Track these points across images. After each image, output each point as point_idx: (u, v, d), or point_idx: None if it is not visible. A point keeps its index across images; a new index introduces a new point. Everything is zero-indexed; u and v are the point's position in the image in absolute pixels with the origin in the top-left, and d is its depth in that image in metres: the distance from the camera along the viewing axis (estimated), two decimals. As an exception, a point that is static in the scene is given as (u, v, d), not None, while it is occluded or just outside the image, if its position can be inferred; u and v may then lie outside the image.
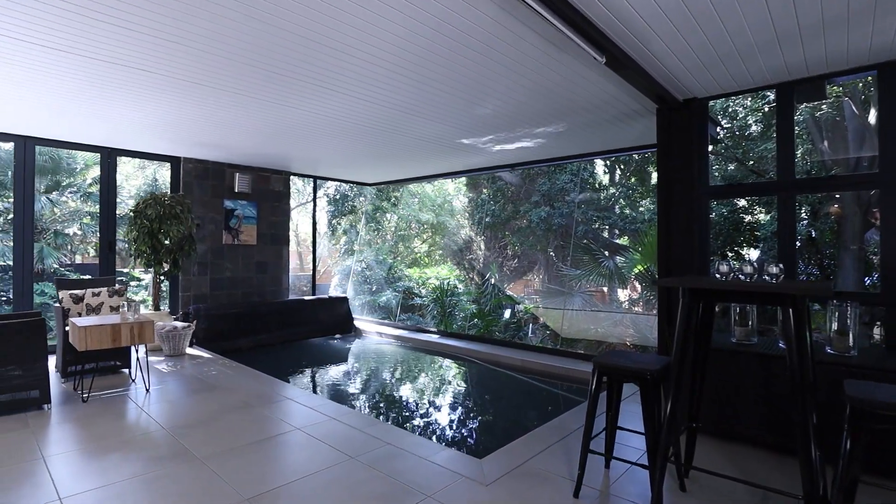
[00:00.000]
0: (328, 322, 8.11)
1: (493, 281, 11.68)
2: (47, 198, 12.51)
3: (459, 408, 5.04)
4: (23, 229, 5.97)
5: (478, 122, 5.03)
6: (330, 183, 12.82)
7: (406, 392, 5.52)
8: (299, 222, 18.85)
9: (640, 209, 9.73)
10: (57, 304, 5.20)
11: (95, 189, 12.81)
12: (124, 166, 14.44)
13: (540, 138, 5.67)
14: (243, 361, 5.95)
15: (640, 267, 7.12)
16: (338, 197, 13.20)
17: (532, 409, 5.01)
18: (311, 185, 15.32)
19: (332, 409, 4.13)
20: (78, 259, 13.73)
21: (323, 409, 4.14)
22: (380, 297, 11.92)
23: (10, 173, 12.62)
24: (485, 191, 11.37)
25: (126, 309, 4.73)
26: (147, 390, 4.66)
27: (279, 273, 8.01)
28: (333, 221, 13.40)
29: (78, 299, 5.34)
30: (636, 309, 8.67)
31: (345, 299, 8.50)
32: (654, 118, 4.45)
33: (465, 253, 13.85)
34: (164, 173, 13.34)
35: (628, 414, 3.82)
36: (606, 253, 8.23)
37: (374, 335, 8.16)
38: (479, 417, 4.80)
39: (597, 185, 9.75)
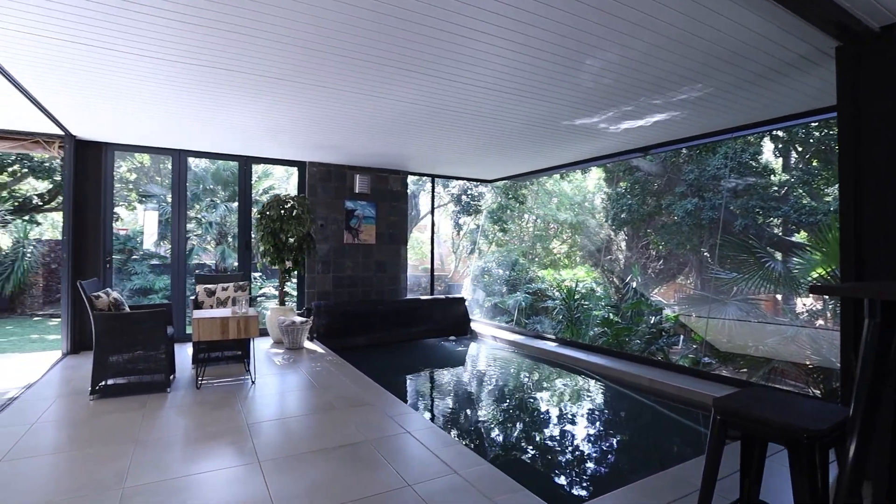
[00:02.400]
0: (444, 323, 7.80)
1: (634, 284, 10.31)
2: (226, 206, 14.38)
3: (558, 435, 4.23)
4: (178, 232, 6.70)
5: (588, 93, 4.17)
6: (454, 182, 12.63)
7: (500, 409, 4.84)
8: (441, 224, 19.21)
9: (827, 199, 7.63)
10: (192, 297, 5.66)
11: (265, 197, 14.42)
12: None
13: (674, 109, 4.56)
14: (355, 359, 5.89)
15: (820, 270, 5.43)
16: (462, 196, 12.93)
17: (651, 446, 4.00)
18: (441, 185, 15.46)
19: (413, 420, 3.70)
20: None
21: (403, 419, 3.73)
22: (509, 298, 11.35)
23: (200, 186, 14.88)
24: (622, 184, 10.07)
25: (235, 304, 4.90)
26: (252, 382, 4.76)
27: (397, 272, 7.93)
28: (459, 221, 13.17)
29: (210, 293, 5.76)
30: (819, 323, 6.75)
31: (461, 300, 8.11)
32: (832, 64, 3.17)
33: (604, 253, 12.57)
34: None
35: (778, 477, 2.70)
36: (774, 252, 6.51)
37: (490, 339, 7.61)
38: (580, 451, 3.94)
39: (762, 170, 7.88)
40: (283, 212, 6.48)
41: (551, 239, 14.78)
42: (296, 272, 6.88)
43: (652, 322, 8.00)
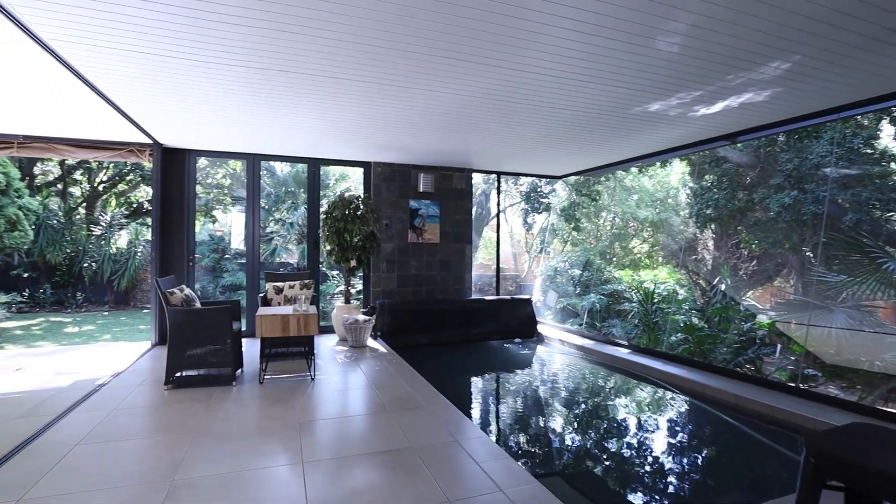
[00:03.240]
0: (509, 324, 7.50)
1: (722, 287, 9.36)
2: (305, 207, 14.99)
3: (623, 456, 3.81)
4: (253, 232, 6.99)
5: (661, 73, 3.73)
6: (522, 179, 12.22)
7: (560, 421, 4.48)
8: (514, 224, 18.82)
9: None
10: (261, 294, 5.84)
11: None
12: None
13: (766, 87, 3.96)
14: (415, 358, 5.80)
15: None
16: (531, 193, 12.48)
17: (733, 475, 3.48)
18: (511, 182, 15.07)
19: (464, 428, 3.49)
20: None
21: (454, 426, 3.54)
22: (581, 300, 10.77)
23: (283, 188, 15.66)
24: (707, 177, 9.15)
25: (296, 302, 4.97)
26: (312, 379, 4.80)
27: (462, 271, 7.76)
28: (529, 219, 12.73)
29: (279, 290, 5.92)
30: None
31: (528, 301, 7.76)
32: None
33: (689, 253, 11.57)
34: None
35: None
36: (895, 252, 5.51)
37: (557, 343, 7.20)
38: (647, 477, 3.51)
39: (879, 156, 6.73)
40: (347, 212, 6.54)
41: (631, 238, 13.92)
42: (360, 271, 6.93)
43: (742, 329, 7.16)
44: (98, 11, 2.83)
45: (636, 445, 3.88)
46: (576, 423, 4.32)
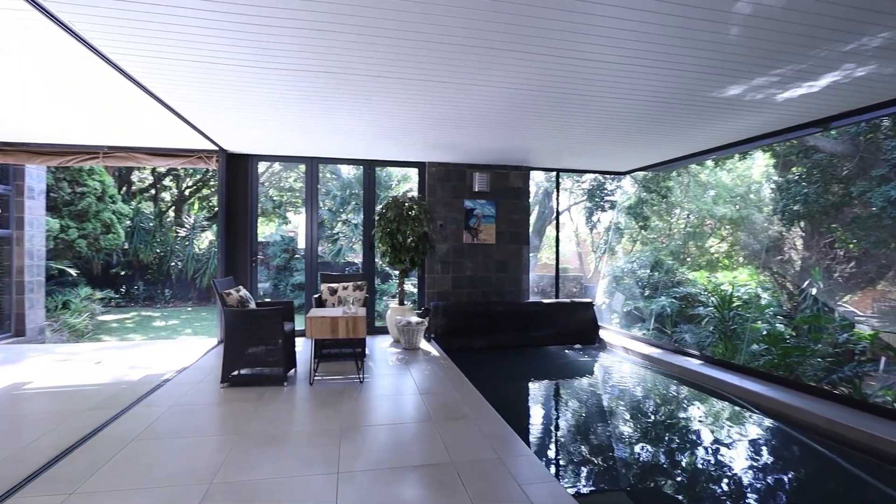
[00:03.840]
0: (569, 329, 7.10)
1: (813, 291, 8.37)
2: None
3: (685, 487, 3.39)
4: (311, 234, 7.12)
5: (732, 50, 3.28)
6: (585, 176, 11.62)
7: (617, 440, 4.07)
8: (579, 223, 18.11)
9: None
10: (315, 296, 5.90)
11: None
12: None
13: (861, 62, 3.38)
14: (468, 363, 5.62)
15: None
16: (596, 191, 11.85)
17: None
18: (573, 179, 14.44)
19: (510, 444, 3.25)
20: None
21: (499, 441, 3.31)
22: (650, 303, 10.07)
23: (347, 191, 16.03)
24: (794, 169, 8.19)
25: (345, 303, 4.93)
26: (360, 382, 4.74)
27: (519, 273, 7.46)
28: (593, 218, 12.11)
29: (333, 292, 5.95)
30: None
31: (589, 305, 7.31)
32: None
33: (773, 253, 10.50)
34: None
35: None
36: None
37: (620, 350, 6.70)
38: None
39: None
40: (400, 213, 6.47)
41: (707, 237, 12.89)
42: (414, 272, 6.84)
43: (838, 340, 6.31)
44: (157, 24, 2.93)
45: (705, 476, 3.44)
46: (636, 446, 3.91)
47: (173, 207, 17.36)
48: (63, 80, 4.04)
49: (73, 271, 11.56)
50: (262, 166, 17.74)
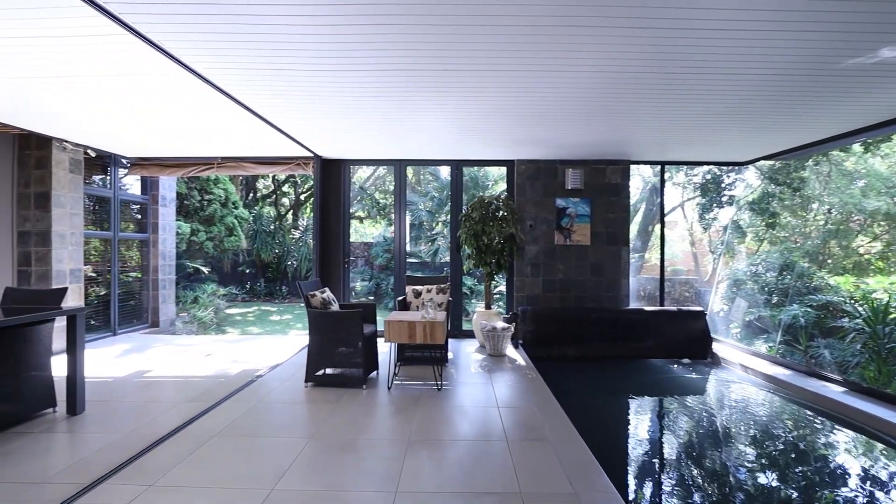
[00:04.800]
0: (675, 340, 6.27)
1: None
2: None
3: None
4: (399, 235, 7.10)
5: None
6: (699, 168, 10.33)
7: (725, 486, 3.36)
8: (694, 221, 16.38)
9: None
10: (400, 298, 5.83)
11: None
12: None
13: None
14: (556, 374, 5.19)
15: None
16: (710, 184, 10.49)
17: None
18: (684, 172, 12.95)
19: (589, 476, 2.81)
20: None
21: (578, 471, 2.88)
22: (778, 313, 8.64)
23: (445, 192, 16.08)
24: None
25: (424, 307, 4.76)
26: (438, 389, 4.54)
27: (617, 276, 6.76)
28: (706, 215, 10.75)
29: (417, 294, 5.84)
30: None
31: (700, 314, 6.39)
32: None
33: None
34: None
35: None
36: None
37: (738, 368, 5.73)
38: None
39: None
40: (486, 213, 6.18)
41: (854, 235, 10.84)
42: (501, 275, 6.50)
43: None
44: (249, 42, 2.98)
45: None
46: (749, 493, 3.22)
47: (291, 211, 18.78)
48: (179, 102, 4.39)
49: (205, 269, 12.96)
50: (367, 170, 18.54)
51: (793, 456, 3.69)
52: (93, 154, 6.45)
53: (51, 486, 2.71)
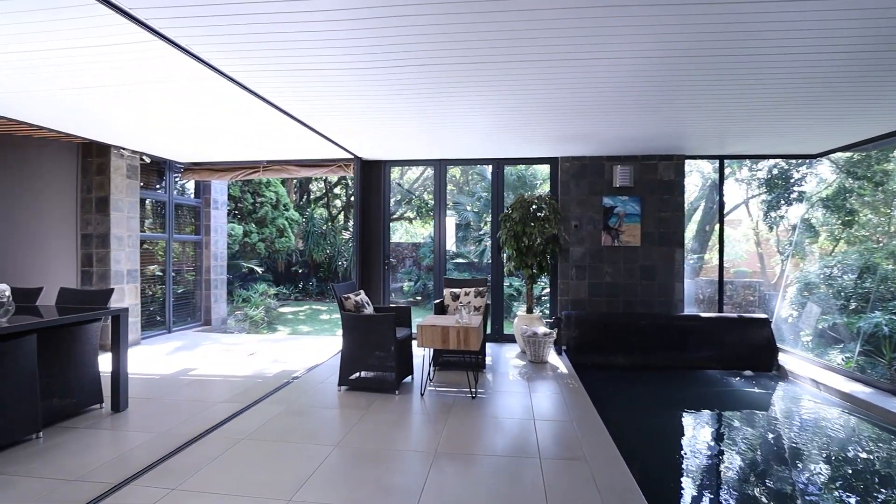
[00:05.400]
0: (736, 350, 5.73)
1: None
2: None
3: None
4: (439, 236, 6.96)
5: None
6: (763, 162, 9.48)
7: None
8: (759, 219, 15.21)
9: None
10: (437, 301, 5.67)
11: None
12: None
13: None
14: (601, 384, 4.87)
15: None
16: (777, 179, 9.60)
17: None
18: (747, 167, 11.97)
19: (625, 505, 2.53)
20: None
21: (617, 499, 2.60)
22: (857, 320, 7.75)
23: (491, 192, 15.79)
24: None
25: (458, 311, 4.57)
26: (472, 398, 4.34)
27: (670, 280, 6.28)
28: (773, 213, 9.87)
29: (455, 297, 5.67)
30: None
31: (764, 322, 5.80)
32: None
33: None
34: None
35: None
36: None
37: (808, 384, 5.13)
38: None
39: None
40: (526, 213, 5.91)
41: (950, 234, 9.60)
42: (544, 277, 6.20)
43: None
44: (284, 47, 2.92)
45: None
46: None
47: (342, 213, 19.16)
48: (221, 108, 4.48)
49: (259, 269, 13.40)
50: (416, 171, 18.59)
51: (874, 490, 3.20)
52: (147, 160, 6.74)
53: (83, 484, 2.75)
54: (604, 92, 3.93)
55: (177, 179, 7.52)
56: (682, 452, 3.80)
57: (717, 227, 12.58)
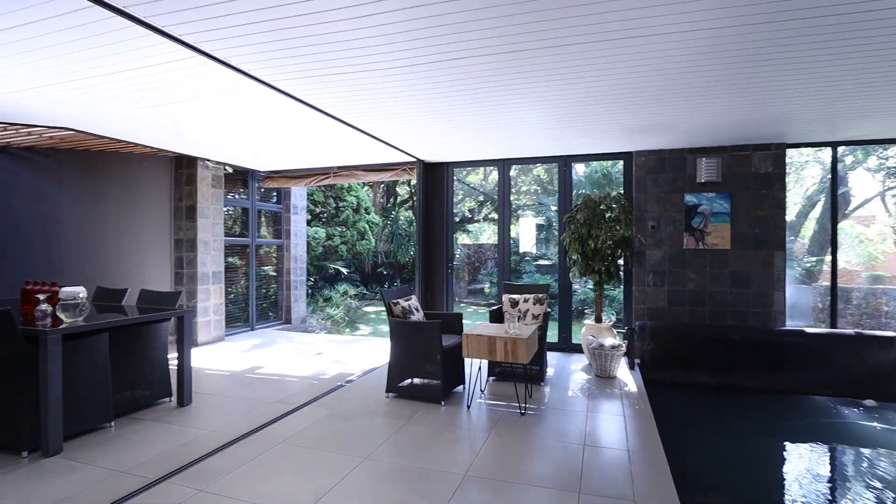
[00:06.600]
0: (852, 373, 4.72)
1: None
2: (595, 208, 13.95)
3: None
4: (503, 238, 6.64)
5: None
6: (894, 148, 7.83)
7: None
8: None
9: None
10: (494, 307, 5.37)
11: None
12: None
13: None
14: (678, 408, 4.31)
15: None
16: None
17: None
18: (877, 154, 10.03)
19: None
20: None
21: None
22: None
23: (574, 191, 15.05)
24: None
25: (510, 320, 4.24)
26: (521, 414, 4.00)
27: (768, 288, 5.37)
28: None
29: (514, 303, 5.34)
30: None
31: (891, 340, 4.70)
32: None
33: None
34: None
35: None
36: None
37: (957, 421, 4.05)
38: None
39: None
40: (593, 213, 5.39)
41: None
42: (615, 284, 5.63)
43: None
44: (334, 58, 2.89)
45: None
46: None
47: (425, 215, 19.42)
48: (294, 122, 4.65)
49: (344, 270, 13.97)
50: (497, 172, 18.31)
51: None
52: (230, 170, 7.23)
53: (128, 476, 2.89)
54: (679, 72, 3.35)
55: (259, 188, 8.00)
56: (773, 500, 3.14)
57: (852, 224, 10.78)
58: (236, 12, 2.48)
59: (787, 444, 3.98)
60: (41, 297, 3.41)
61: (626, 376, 5.13)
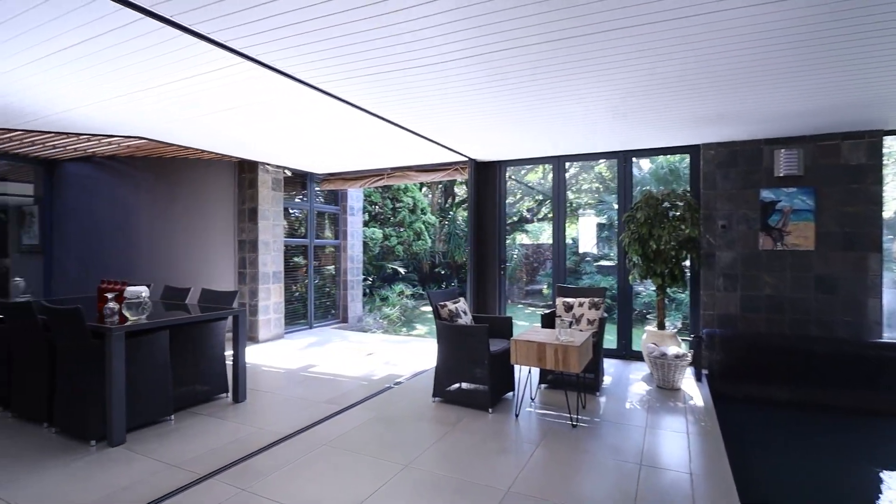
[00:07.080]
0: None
1: None
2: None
3: None
4: (558, 238, 6.34)
5: None
6: None
7: None
8: None
9: None
10: (547, 311, 5.12)
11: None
12: None
13: None
14: (752, 426, 3.91)
15: None
16: None
17: None
18: None
19: None
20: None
21: None
22: None
23: (637, 188, 14.28)
24: None
25: (561, 326, 3.99)
26: (573, 426, 3.74)
27: (860, 295, 4.71)
28: None
29: (569, 307, 5.06)
30: None
31: None
32: None
33: None
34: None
35: None
36: None
37: None
38: None
39: None
40: (654, 212, 4.99)
41: None
42: (662, 289, 5.18)
43: None
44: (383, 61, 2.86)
45: None
46: None
47: (482, 215, 19.25)
48: (344, 124, 4.71)
49: (402, 270, 14.10)
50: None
51: None
52: (289, 173, 7.45)
53: (177, 471, 2.97)
54: (751, 51, 2.97)
55: (317, 190, 8.19)
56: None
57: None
58: (276, 14, 2.46)
59: (884, 474, 3.45)
60: (109, 295, 3.61)
61: (692, 388, 4.70)
